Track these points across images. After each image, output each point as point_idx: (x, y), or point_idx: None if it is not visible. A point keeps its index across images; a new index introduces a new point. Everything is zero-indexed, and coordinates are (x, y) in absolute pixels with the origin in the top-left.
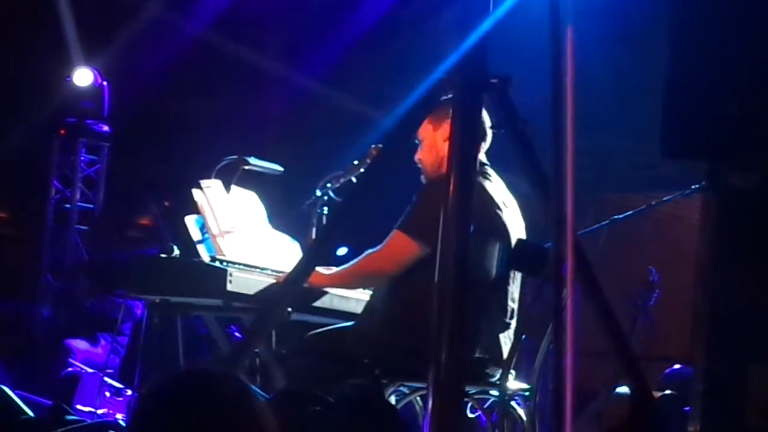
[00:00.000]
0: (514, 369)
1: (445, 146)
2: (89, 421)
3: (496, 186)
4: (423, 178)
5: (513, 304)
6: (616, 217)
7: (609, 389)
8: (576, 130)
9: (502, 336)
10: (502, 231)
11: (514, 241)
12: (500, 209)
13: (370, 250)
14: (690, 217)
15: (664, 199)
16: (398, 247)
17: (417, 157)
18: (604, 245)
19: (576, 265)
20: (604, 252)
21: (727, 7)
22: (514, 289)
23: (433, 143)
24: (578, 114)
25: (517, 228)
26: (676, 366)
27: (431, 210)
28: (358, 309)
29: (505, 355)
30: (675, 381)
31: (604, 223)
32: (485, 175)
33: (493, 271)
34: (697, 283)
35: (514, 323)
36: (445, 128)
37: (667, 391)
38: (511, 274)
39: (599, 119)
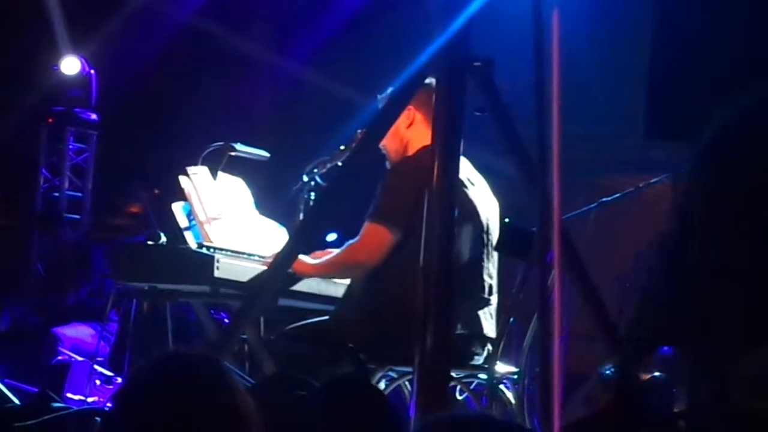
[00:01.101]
0: (502, 352)
1: (408, 132)
2: (75, 408)
3: (461, 164)
4: (387, 164)
5: (490, 280)
6: (604, 199)
7: (599, 372)
8: (563, 113)
9: (481, 312)
10: (471, 209)
11: (484, 218)
12: (466, 186)
13: (350, 242)
14: None
15: (652, 181)
16: (373, 237)
17: (380, 143)
18: (593, 228)
19: (562, 250)
20: (593, 235)
21: None
22: (490, 265)
23: (395, 129)
24: (566, 97)
25: (486, 205)
26: (665, 347)
27: (399, 195)
28: None
29: (486, 330)
30: (665, 363)
31: (592, 206)
32: None
33: (467, 250)
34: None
35: (494, 299)
36: (407, 114)
37: (656, 373)
38: (485, 251)
39: (588, 102)
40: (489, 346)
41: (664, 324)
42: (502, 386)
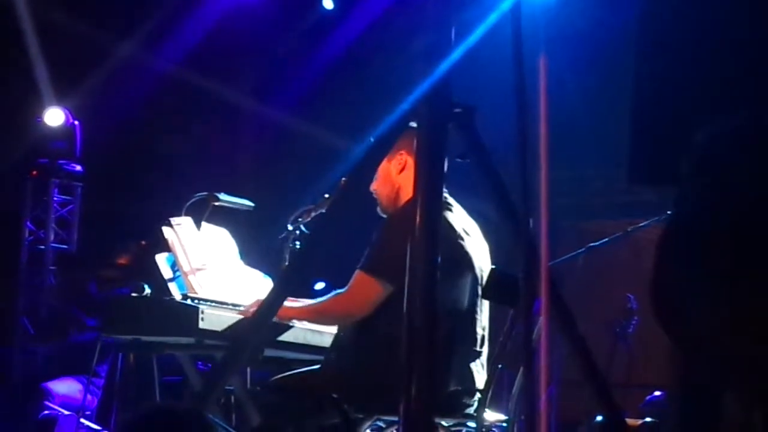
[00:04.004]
0: (491, 399)
1: (400, 177)
2: None
3: (456, 214)
4: (379, 209)
5: (483, 332)
6: (592, 244)
7: (591, 418)
8: (551, 158)
9: (473, 365)
10: (467, 260)
11: (478, 268)
12: (462, 238)
13: (337, 291)
14: None
15: (640, 225)
16: (363, 288)
17: (372, 187)
18: (582, 273)
19: (549, 298)
20: (582, 279)
21: (689, 31)
22: (483, 317)
23: (387, 174)
24: (553, 141)
25: (481, 255)
26: (657, 393)
27: (392, 246)
28: None
29: (478, 383)
30: (655, 408)
31: (580, 250)
32: (445, 205)
33: (462, 301)
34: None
35: (485, 350)
36: (399, 159)
37: (647, 419)
38: (479, 302)
39: (575, 146)
40: (478, 395)
41: None
42: None
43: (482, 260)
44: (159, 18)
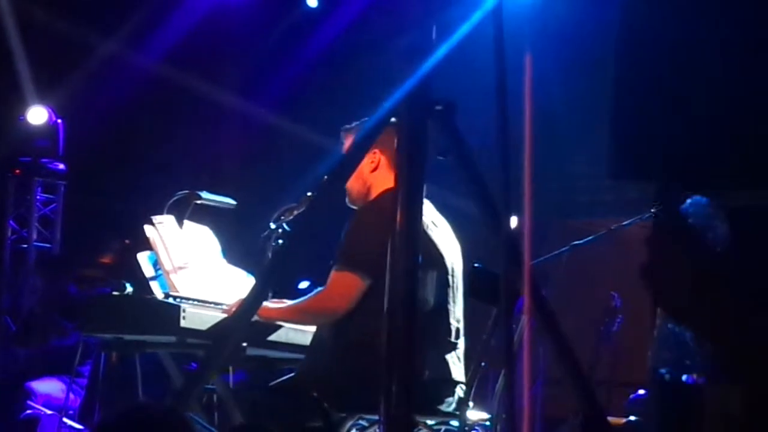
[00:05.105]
0: (474, 398)
1: (372, 176)
2: None
3: (424, 206)
4: (347, 200)
5: (457, 324)
6: (576, 242)
7: (576, 416)
8: (536, 156)
9: (449, 356)
10: (436, 252)
11: (447, 260)
12: (431, 230)
13: (317, 290)
14: None
15: (624, 223)
16: (342, 285)
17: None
18: (566, 271)
19: (531, 297)
20: (566, 278)
21: (672, 24)
22: (456, 309)
23: (359, 171)
24: (537, 138)
25: (450, 247)
26: (641, 391)
27: (364, 241)
28: None
29: (454, 375)
30: (639, 407)
31: (564, 248)
32: None
33: (432, 297)
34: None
35: (462, 342)
36: (372, 157)
37: (631, 418)
38: (450, 294)
39: (560, 143)
40: (459, 391)
41: None
42: None
43: (451, 252)
44: (142, 16)
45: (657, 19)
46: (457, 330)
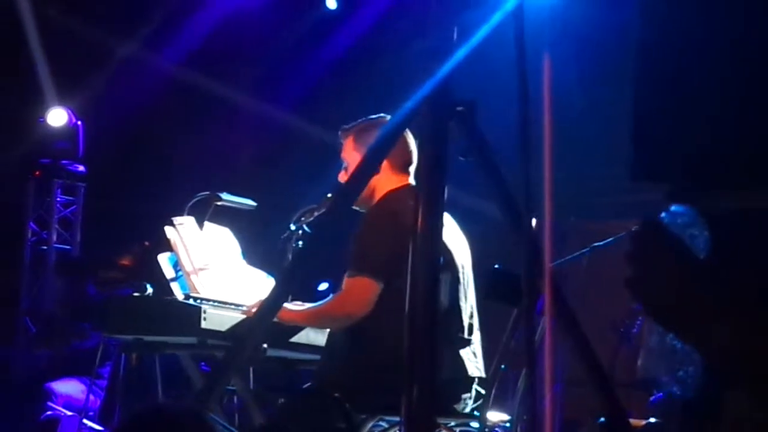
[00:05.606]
0: (494, 399)
1: (376, 177)
2: None
3: None
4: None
5: (470, 320)
6: (596, 244)
7: (595, 418)
8: (554, 156)
9: (463, 352)
10: (444, 249)
11: (456, 257)
12: None
13: (334, 293)
14: None
15: None
16: (357, 289)
17: (343, 180)
18: (586, 273)
19: (552, 298)
20: (586, 279)
21: (694, 24)
22: (468, 305)
23: None
24: (557, 140)
25: (457, 244)
26: (661, 393)
27: (375, 243)
28: None
29: (470, 371)
30: (660, 409)
31: (584, 250)
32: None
33: (446, 298)
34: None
35: (476, 337)
36: None
37: (652, 419)
38: (461, 291)
39: (580, 145)
40: (476, 388)
41: None
42: None
43: (460, 249)
44: (161, 18)
45: (678, 18)
46: (470, 326)
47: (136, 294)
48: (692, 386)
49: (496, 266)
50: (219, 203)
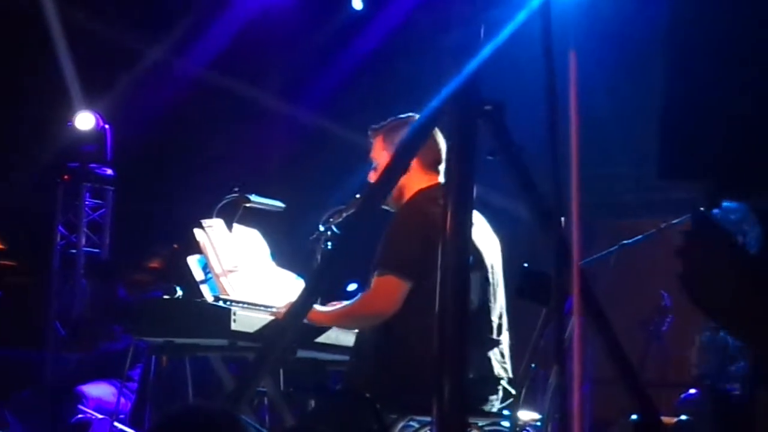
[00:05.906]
0: (524, 398)
1: (405, 177)
2: None
3: None
4: (384, 206)
5: (498, 320)
6: (625, 242)
7: (625, 417)
8: (582, 155)
9: (491, 353)
10: (474, 249)
11: (486, 257)
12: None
13: (363, 293)
14: None
15: (673, 222)
16: (385, 288)
17: (372, 180)
18: (615, 271)
19: (581, 296)
20: (615, 278)
21: (722, 23)
22: (497, 305)
23: None
24: (585, 138)
25: (487, 244)
26: (692, 391)
27: (404, 242)
28: None
29: (497, 371)
30: (690, 406)
31: (613, 248)
32: None
33: (476, 298)
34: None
35: (505, 337)
36: None
37: (683, 417)
38: (491, 291)
39: (608, 143)
40: (504, 387)
41: None
42: None
43: (490, 248)
44: (188, 20)
45: (707, 17)
46: (499, 326)
47: (166, 296)
48: (743, 382)
49: (525, 265)
50: (248, 205)
